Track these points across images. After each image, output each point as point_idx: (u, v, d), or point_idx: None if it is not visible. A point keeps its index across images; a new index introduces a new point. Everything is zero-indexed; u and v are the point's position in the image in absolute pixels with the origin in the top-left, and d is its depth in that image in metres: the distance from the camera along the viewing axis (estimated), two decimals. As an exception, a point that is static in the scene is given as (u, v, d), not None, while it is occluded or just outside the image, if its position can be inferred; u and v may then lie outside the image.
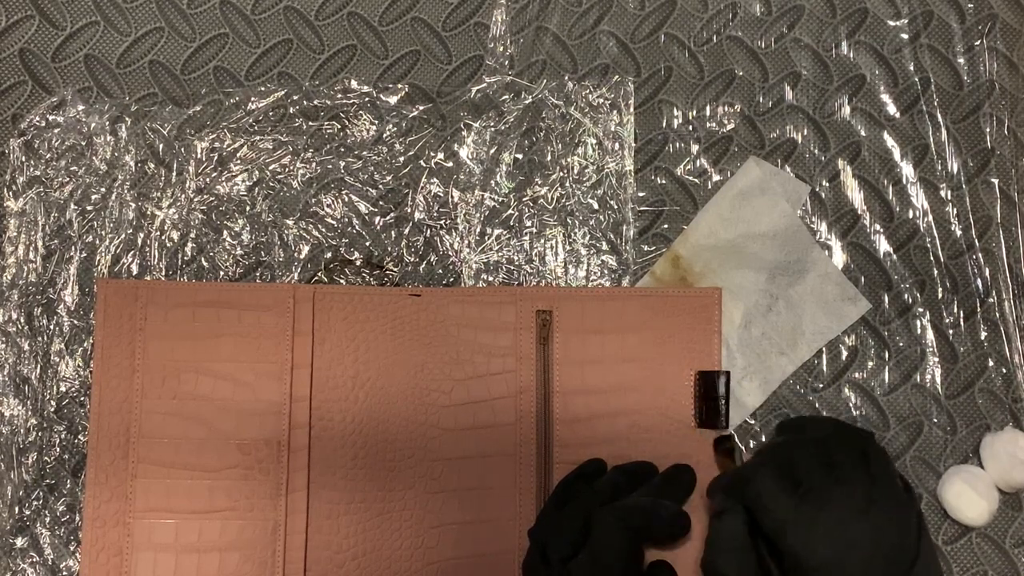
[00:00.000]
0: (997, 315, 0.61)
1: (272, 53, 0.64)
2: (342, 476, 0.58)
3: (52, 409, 0.60)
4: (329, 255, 0.61)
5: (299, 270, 0.61)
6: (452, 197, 0.62)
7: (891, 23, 0.64)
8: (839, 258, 0.62)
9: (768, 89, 0.63)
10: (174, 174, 0.62)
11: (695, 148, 0.63)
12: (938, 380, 0.61)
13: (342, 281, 0.61)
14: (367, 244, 0.62)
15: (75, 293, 0.61)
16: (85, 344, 0.60)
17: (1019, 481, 0.58)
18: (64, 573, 0.58)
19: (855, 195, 0.62)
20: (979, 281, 0.61)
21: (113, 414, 0.58)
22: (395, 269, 0.61)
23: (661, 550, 0.56)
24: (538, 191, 0.62)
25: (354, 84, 0.63)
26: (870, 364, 0.61)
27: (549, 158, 0.62)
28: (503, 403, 0.59)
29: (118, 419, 0.58)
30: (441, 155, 0.62)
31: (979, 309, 0.61)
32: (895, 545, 0.48)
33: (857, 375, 0.61)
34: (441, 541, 0.58)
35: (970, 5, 0.64)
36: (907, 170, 0.62)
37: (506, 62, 0.63)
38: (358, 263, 0.61)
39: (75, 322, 0.60)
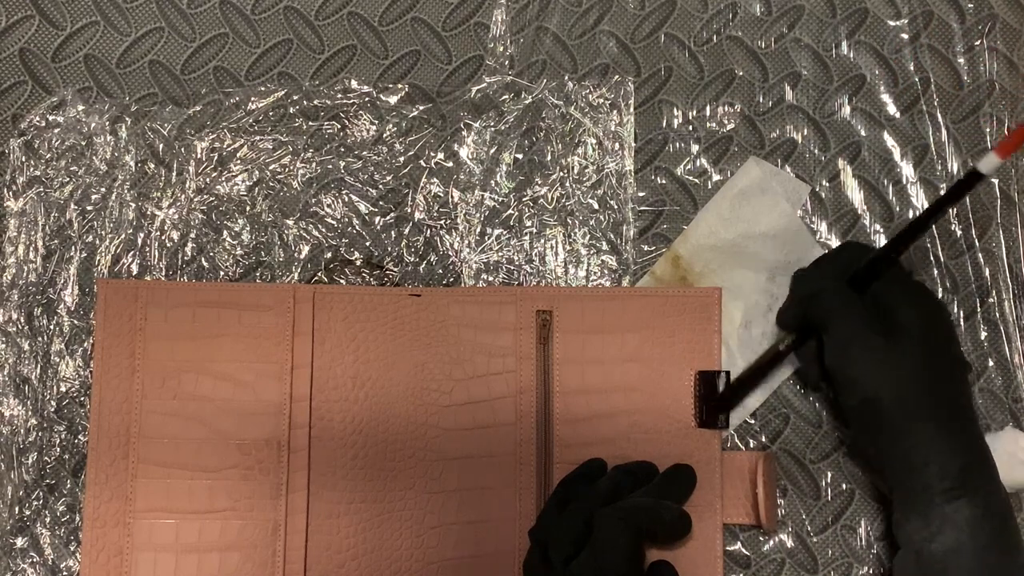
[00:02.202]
0: (997, 315, 0.61)
1: (272, 53, 0.64)
2: (342, 476, 0.58)
3: (52, 409, 0.60)
4: (329, 255, 0.61)
5: (299, 270, 0.61)
6: (452, 197, 0.62)
7: (891, 23, 0.64)
8: (839, 258, 0.61)
9: (768, 89, 0.63)
10: (174, 174, 0.62)
11: (695, 148, 0.63)
12: (938, 380, 0.61)
13: (342, 281, 0.61)
14: (367, 244, 0.62)
15: (75, 293, 0.61)
16: (85, 344, 0.60)
17: (1019, 481, 0.58)
18: (64, 573, 0.58)
19: (855, 195, 0.62)
20: (979, 281, 0.61)
21: (113, 414, 0.58)
22: (395, 269, 0.61)
23: (662, 550, 0.56)
24: (538, 191, 0.62)
25: (354, 84, 0.63)
26: (870, 364, 0.61)
27: (549, 158, 0.62)
28: (503, 403, 0.59)
29: (118, 419, 0.58)
30: (441, 155, 0.62)
31: (979, 309, 0.61)
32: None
33: (857, 375, 0.61)
34: (441, 541, 0.58)
35: (970, 5, 0.64)
36: (907, 170, 0.62)
37: (506, 62, 0.63)
38: (358, 263, 0.61)
39: (75, 322, 0.60)
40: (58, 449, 0.59)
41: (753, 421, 0.60)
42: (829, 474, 0.59)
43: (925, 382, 0.51)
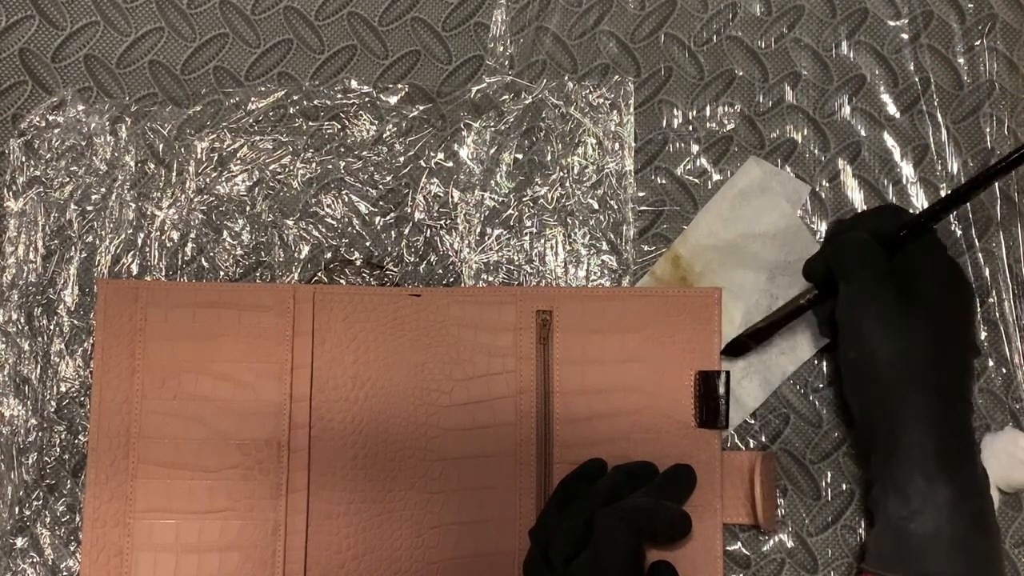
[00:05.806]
0: (997, 315, 0.61)
1: (272, 53, 0.64)
2: (342, 476, 0.58)
3: (52, 409, 0.60)
4: (329, 255, 0.61)
5: (299, 270, 0.61)
6: (452, 197, 0.62)
7: (891, 23, 0.64)
8: (839, 258, 0.61)
9: (768, 89, 0.63)
10: (174, 174, 0.62)
11: (695, 148, 0.63)
12: (938, 380, 0.61)
13: (342, 281, 0.61)
14: (367, 244, 0.62)
15: (75, 293, 0.61)
16: (85, 344, 0.60)
17: (1019, 481, 0.58)
18: (64, 573, 0.58)
19: (855, 195, 0.62)
20: (979, 281, 0.61)
21: (113, 414, 0.58)
22: (395, 269, 0.61)
23: (662, 550, 0.56)
24: (538, 191, 0.62)
25: (354, 84, 0.63)
26: (870, 364, 0.61)
27: (549, 158, 0.62)
28: (503, 403, 0.59)
29: (118, 419, 0.58)
30: (441, 155, 0.63)
31: (979, 309, 0.61)
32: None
33: (857, 375, 0.61)
34: (441, 541, 0.58)
35: (970, 5, 0.64)
36: (907, 170, 0.62)
37: (506, 62, 0.63)
38: (358, 263, 0.61)
39: (75, 322, 0.60)
40: (58, 449, 0.59)
41: (753, 421, 0.60)
42: (829, 474, 0.59)
43: (926, 355, 0.51)
